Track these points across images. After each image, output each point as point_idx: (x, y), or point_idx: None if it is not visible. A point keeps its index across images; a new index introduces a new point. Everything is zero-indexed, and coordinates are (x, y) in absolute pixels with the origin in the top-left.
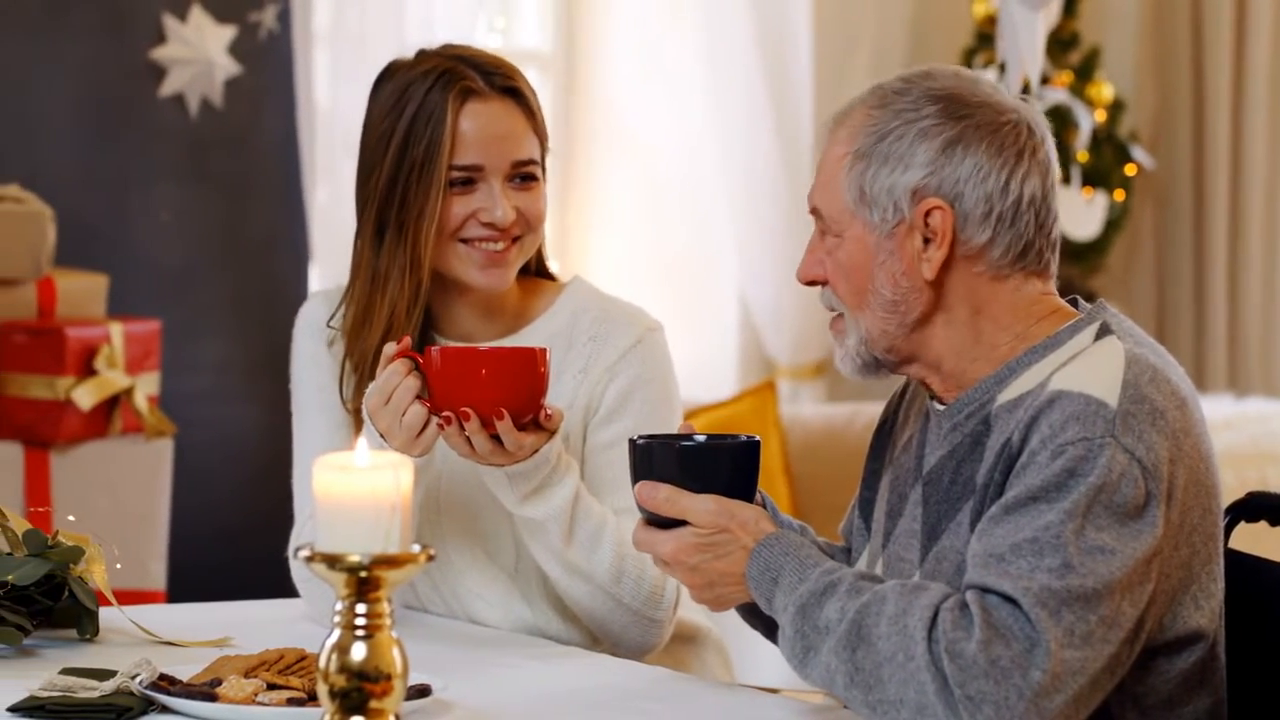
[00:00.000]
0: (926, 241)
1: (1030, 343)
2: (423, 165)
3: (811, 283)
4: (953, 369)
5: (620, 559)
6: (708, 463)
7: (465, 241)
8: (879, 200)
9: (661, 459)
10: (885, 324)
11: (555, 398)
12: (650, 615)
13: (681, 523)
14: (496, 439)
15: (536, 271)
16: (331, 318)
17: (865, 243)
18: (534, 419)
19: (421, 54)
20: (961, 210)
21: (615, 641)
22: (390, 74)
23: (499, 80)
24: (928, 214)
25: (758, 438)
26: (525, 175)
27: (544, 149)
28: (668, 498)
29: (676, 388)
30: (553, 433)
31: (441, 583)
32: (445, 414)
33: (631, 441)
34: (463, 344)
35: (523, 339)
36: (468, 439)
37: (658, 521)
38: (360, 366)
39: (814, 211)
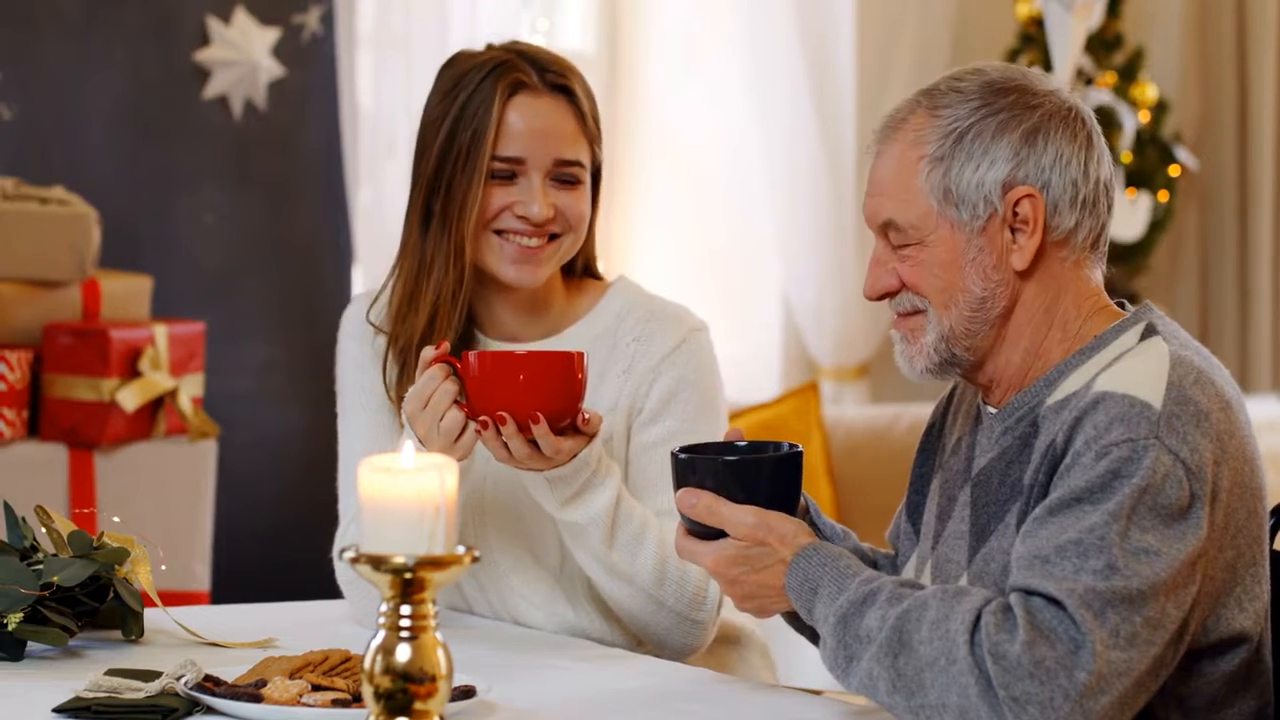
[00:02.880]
0: (1014, 232)
1: (1080, 343)
2: (467, 153)
3: (882, 296)
4: (1016, 372)
5: (663, 561)
6: (749, 475)
7: (500, 234)
8: (967, 197)
9: (703, 472)
10: (971, 322)
11: (599, 398)
12: (693, 617)
13: (722, 532)
14: (534, 443)
15: (584, 272)
16: (371, 306)
17: (954, 243)
18: (572, 423)
19: (488, 47)
20: (1051, 197)
21: (659, 643)
22: (453, 62)
23: (551, 77)
24: (1016, 203)
25: (800, 448)
26: (568, 176)
27: (595, 155)
28: (708, 507)
29: (721, 388)
30: (591, 436)
31: (487, 584)
32: (482, 419)
33: (673, 454)
34: (503, 346)
35: (567, 339)
36: (505, 444)
37: (699, 531)
38: (404, 353)
39: (885, 226)
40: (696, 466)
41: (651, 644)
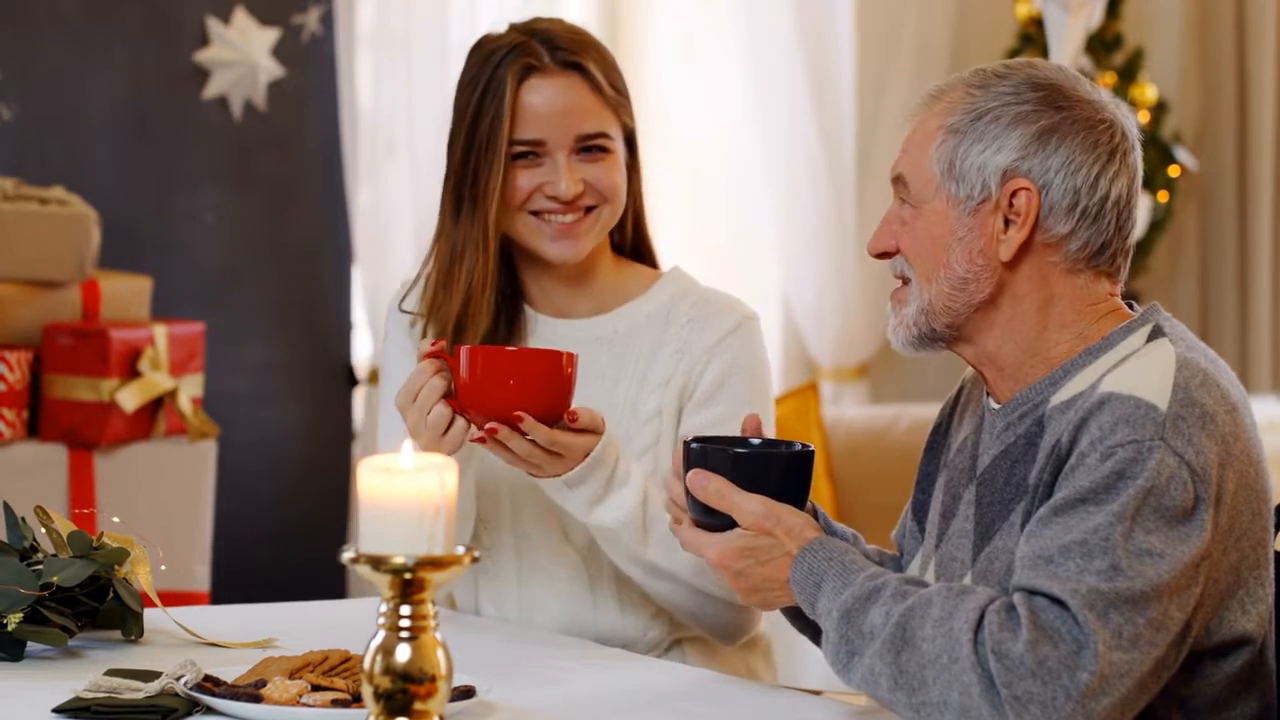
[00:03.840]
0: (1007, 223)
1: (1086, 343)
2: (488, 140)
3: (881, 255)
4: (1012, 362)
5: None
6: (760, 469)
7: (535, 214)
8: (967, 176)
9: (714, 462)
10: (951, 300)
11: (650, 374)
12: (740, 601)
13: (727, 525)
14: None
15: (636, 254)
16: (403, 298)
17: (946, 216)
18: (560, 421)
19: (511, 27)
20: (1048, 198)
21: (710, 631)
22: (476, 48)
23: (563, 55)
24: (1013, 195)
25: (812, 447)
26: (594, 148)
27: (624, 122)
28: (718, 490)
29: (770, 377)
30: (599, 434)
31: (509, 561)
32: (479, 436)
33: (685, 443)
34: (553, 321)
35: (618, 318)
36: (506, 445)
37: (704, 523)
38: (440, 336)
39: (897, 179)
40: (708, 456)
41: (703, 632)
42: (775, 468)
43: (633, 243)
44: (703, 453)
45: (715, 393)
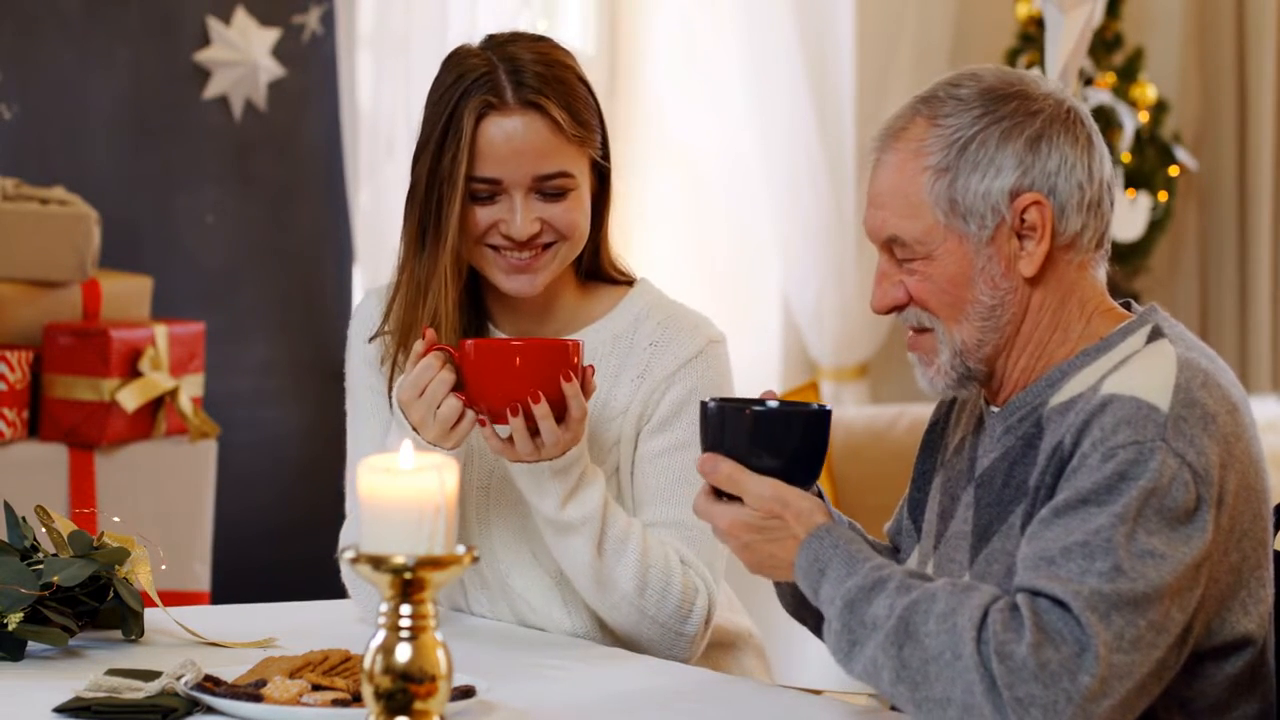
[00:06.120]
0: (1021, 239)
1: (1085, 344)
2: (448, 176)
3: (890, 310)
4: (1019, 373)
5: (644, 569)
6: (779, 429)
7: (493, 247)
8: (975, 209)
9: (733, 424)
10: (982, 332)
11: (612, 401)
12: (679, 629)
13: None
14: (534, 433)
15: (601, 274)
16: (375, 335)
17: (962, 254)
18: (566, 413)
19: (484, 43)
20: (1058, 202)
21: (646, 654)
22: (446, 66)
23: (525, 93)
24: (1024, 210)
25: (829, 407)
26: (552, 189)
27: (592, 156)
28: (729, 474)
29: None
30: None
31: (492, 580)
32: (482, 417)
33: (703, 404)
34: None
35: (582, 339)
36: (498, 434)
37: (720, 490)
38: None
39: (889, 242)
40: (725, 417)
41: (641, 653)
42: (795, 427)
43: (593, 268)
44: (720, 412)
45: (672, 419)
